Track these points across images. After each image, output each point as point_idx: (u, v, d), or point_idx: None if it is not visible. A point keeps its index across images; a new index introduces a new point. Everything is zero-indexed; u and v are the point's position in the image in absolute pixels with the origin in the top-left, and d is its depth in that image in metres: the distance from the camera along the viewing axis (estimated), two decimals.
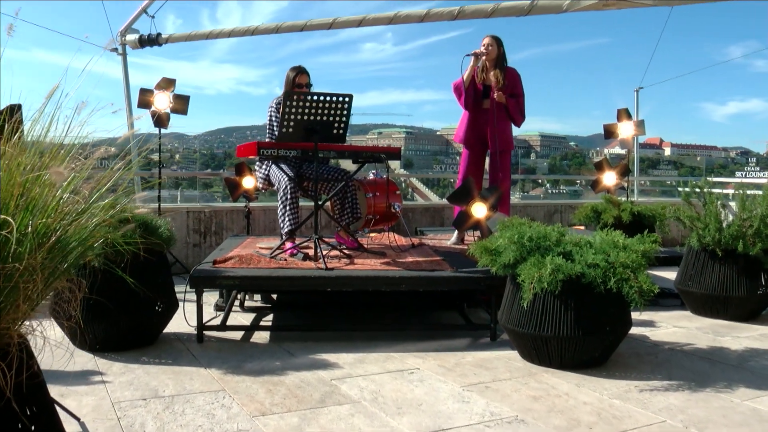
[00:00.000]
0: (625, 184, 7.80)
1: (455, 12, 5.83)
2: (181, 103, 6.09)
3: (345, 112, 4.46)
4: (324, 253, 4.42)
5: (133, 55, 7.62)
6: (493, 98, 5.52)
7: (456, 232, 5.71)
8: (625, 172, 7.72)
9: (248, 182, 6.00)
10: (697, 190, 5.08)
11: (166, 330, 4.14)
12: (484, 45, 5.53)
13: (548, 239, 3.62)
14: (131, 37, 7.34)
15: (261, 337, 4.17)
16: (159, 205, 6.18)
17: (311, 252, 4.45)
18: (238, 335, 4.18)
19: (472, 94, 5.57)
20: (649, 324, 4.62)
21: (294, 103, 4.28)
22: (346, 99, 4.43)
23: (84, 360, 3.62)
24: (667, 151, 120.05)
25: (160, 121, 6.04)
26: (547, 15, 6.46)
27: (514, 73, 5.65)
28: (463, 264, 4.37)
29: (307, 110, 4.32)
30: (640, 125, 7.74)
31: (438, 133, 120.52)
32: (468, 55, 5.47)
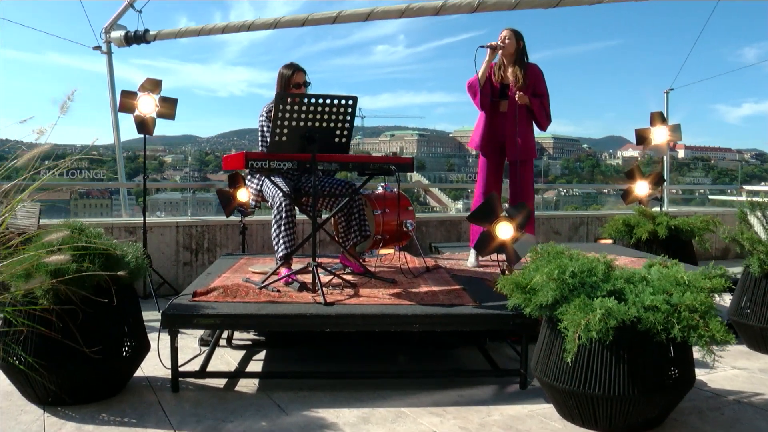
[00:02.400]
0: (659, 195, 7.10)
1: (474, 4, 5.18)
2: (169, 107, 5.44)
3: (348, 117, 3.83)
4: (325, 280, 3.79)
5: (145, 57, 7.07)
6: (512, 99, 4.88)
7: (473, 252, 5.06)
8: (658, 181, 7.04)
9: (243, 195, 5.37)
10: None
11: (138, 373, 3.52)
12: (501, 38, 4.90)
13: (594, 274, 2.96)
14: (116, 34, 6.70)
15: (248, 383, 3.53)
16: (144, 219, 5.55)
17: (310, 280, 3.82)
18: (221, 381, 3.54)
19: (489, 93, 4.93)
20: (704, 364, 3.92)
21: (288, 107, 3.64)
22: (350, 102, 3.79)
23: (30, 418, 3.00)
24: (681, 153, 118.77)
25: (144, 126, 5.40)
26: (562, 15, 5.74)
27: (536, 70, 5.01)
28: (487, 295, 3.73)
29: (303, 115, 3.69)
30: (676, 130, 7.06)
31: (451, 135, 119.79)
32: (482, 46, 4.83)
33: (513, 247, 4.06)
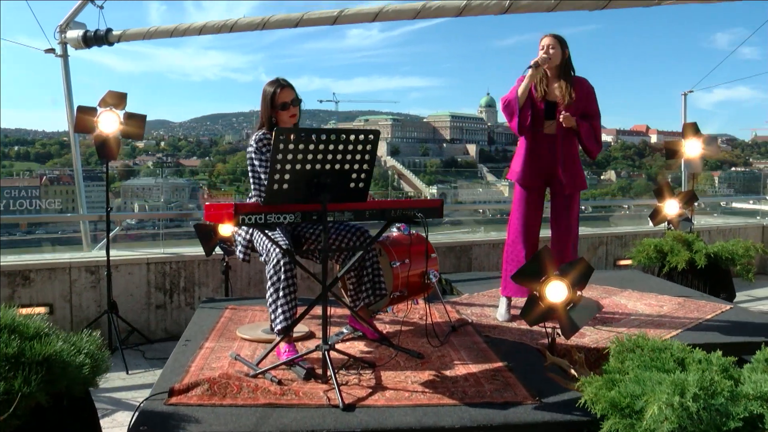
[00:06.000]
0: (690, 214, 6.36)
1: (505, 5, 4.35)
2: (136, 125, 4.53)
3: (368, 156, 3.00)
4: (336, 359, 2.99)
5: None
6: (559, 120, 4.06)
7: (504, 301, 4.27)
8: (690, 199, 6.30)
9: (226, 229, 4.52)
10: None
11: None
12: (543, 47, 4.05)
13: (719, 393, 2.18)
14: (73, 33, 5.72)
15: None
16: (108, 258, 4.65)
17: (317, 359, 3.01)
18: None
19: (530, 113, 4.09)
20: None
21: (291, 146, 2.79)
22: (370, 137, 2.96)
23: None
24: (654, 138, 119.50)
25: (105, 149, 4.48)
26: None
27: (587, 86, 4.17)
28: (544, 379, 2.95)
29: (310, 155, 2.85)
30: (711, 143, 6.31)
31: (425, 120, 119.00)
32: (529, 67, 4.00)
33: (568, 313, 3.29)
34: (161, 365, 4.39)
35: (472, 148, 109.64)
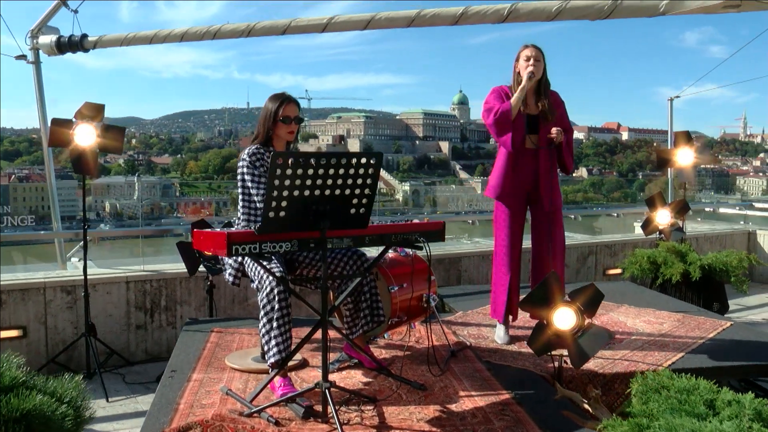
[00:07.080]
0: (681, 223, 6.26)
1: (504, 13, 4.18)
2: (114, 138, 4.28)
3: (369, 181, 2.81)
4: (334, 393, 2.81)
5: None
6: (541, 135, 3.91)
7: (502, 325, 4.10)
8: (682, 208, 6.20)
9: None
10: None
11: None
12: (528, 58, 3.86)
13: None
14: (46, 39, 5.42)
15: None
16: (85, 277, 4.41)
17: (315, 395, 2.83)
18: None
19: (521, 127, 3.92)
20: None
21: (288, 171, 2.60)
22: (372, 161, 2.78)
23: None
24: (625, 136, 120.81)
25: (82, 164, 4.23)
26: None
27: (559, 99, 4.02)
28: (552, 412, 2.81)
29: (309, 181, 2.66)
30: (703, 151, 6.21)
31: (398, 117, 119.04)
32: (528, 78, 3.82)
33: (577, 341, 3.14)
34: (143, 390, 4.19)
35: (444, 146, 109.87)
